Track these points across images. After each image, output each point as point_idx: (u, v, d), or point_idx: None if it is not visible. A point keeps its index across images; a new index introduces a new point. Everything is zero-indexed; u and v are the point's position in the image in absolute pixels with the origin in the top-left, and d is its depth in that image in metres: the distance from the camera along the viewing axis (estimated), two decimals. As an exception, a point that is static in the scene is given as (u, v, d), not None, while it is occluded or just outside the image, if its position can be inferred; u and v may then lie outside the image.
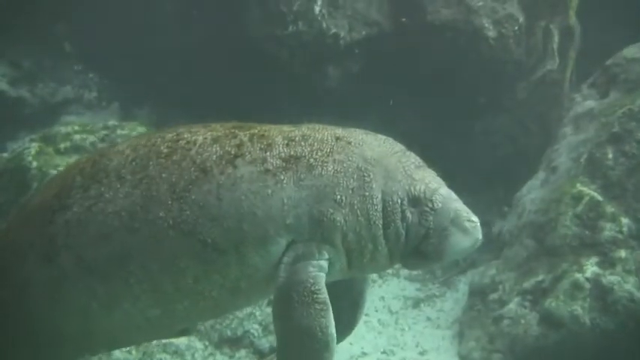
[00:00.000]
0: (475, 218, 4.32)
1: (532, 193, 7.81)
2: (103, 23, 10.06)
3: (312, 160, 4.21)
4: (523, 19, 9.19)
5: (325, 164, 4.20)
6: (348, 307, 4.85)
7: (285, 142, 4.28)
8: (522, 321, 6.83)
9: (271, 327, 6.63)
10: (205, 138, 4.32)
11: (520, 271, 7.22)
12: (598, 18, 9.69)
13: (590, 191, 7.06)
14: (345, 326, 4.88)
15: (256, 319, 6.80)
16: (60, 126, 8.02)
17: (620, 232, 6.80)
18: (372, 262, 4.34)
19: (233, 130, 4.38)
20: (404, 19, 8.97)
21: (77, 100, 10.34)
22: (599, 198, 7.01)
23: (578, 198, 7.06)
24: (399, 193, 4.24)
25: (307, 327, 4.15)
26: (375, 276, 8.05)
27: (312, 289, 4.15)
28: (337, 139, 4.31)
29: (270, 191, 4.14)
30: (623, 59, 7.92)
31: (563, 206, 7.09)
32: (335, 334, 4.23)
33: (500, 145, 9.49)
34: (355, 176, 4.20)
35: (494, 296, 7.30)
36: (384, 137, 4.48)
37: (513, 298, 7.03)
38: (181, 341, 6.45)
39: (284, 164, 4.19)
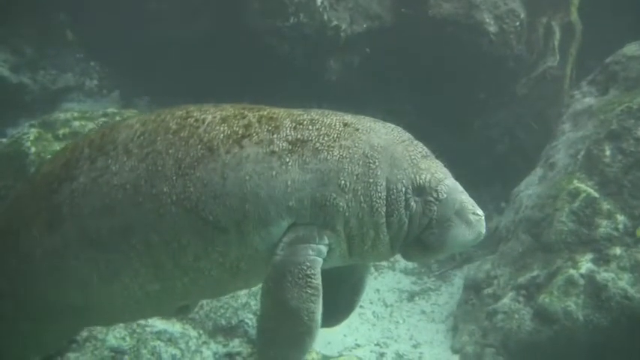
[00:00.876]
0: (480, 212, 4.28)
1: (529, 189, 7.81)
2: (105, 12, 10.08)
3: (318, 144, 4.19)
4: (524, 14, 9.21)
5: (331, 149, 4.17)
6: (347, 291, 4.83)
7: (293, 125, 4.26)
8: (516, 316, 6.84)
9: (266, 317, 6.67)
10: (214, 117, 4.32)
11: (515, 266, 7.23)
12: (600, 15, 9.67)
13: (587, 188, 7.07)
14: (342, 311, 4.86)
15: (251, 308, 6.81)
16: (59, 112, 8.01)
17: (616, 229, 6.81)
18: (373, 250, 4.30)
19: (242, 111, 4.37)
20: (403, 10, 8.97)
21: (78, 87, 10.36)
22: (596, 195, 7.01)
23: (574, 194, 7.07)
24: (404, 182, 4.20)
25: (295, 309, 4.12)
26: (370, 268, 8.07)
27: (308, 272, 4.13)
28: (345, 125, 4.29)
29: (274, 173, 4.13)
30: (623, 57, 7.91)
31: (559, 202, 7.10)
32: (320, 322, 4.22)
33: (500, 141, 9.51)
34: (360, 162, 4.17)
35: (488, 291, 7.32)
36: (392, 126, 4.44)
37: (508, 293, 7.04)
38: (176, 329, 6.46)
39: (290, 147, 4.17)
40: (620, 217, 6.85)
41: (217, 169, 4.14)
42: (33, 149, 7.05)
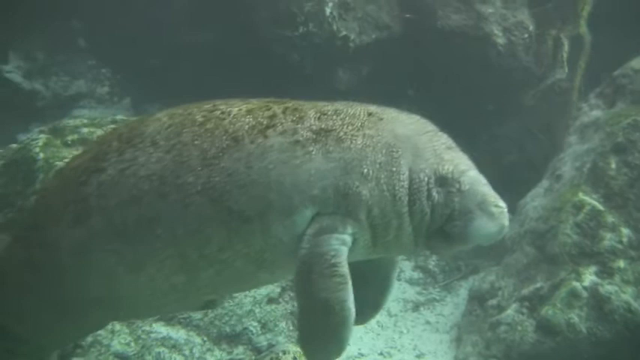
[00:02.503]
0: (503, 204, 4.23)
1: (535, 201, 7.82)
2: (117, 19, 10.16)
3: (342, 133, 4.20)
4: (533, 27, 9.23)
5: (355, 138, 4.18)
6: (374, 289, 4.82)
7: (317, 115, 4.28)
8: (519, 327, 6.84)
9: (269, 325, 6.70)
10: (240, 109, 4.36)
11: (519, 277, 7.24)
12: (609, 28, 9.67)
13: (592, 200, 7.07)
14: (370, 309, 4.85)
15: (255, 316, 6.84)
16: (69, 119, 8.08)
17: (620, 242, 6.81)
18: (396, 241, 4.30)
19: (267, 104, 4.41)
20: (407, 15, 9.01)
21: (89, 94, 10.45)
22: (600, 207, 7.02)
23: (579, 207, 7.08)
24: (427, 172, 4.20)
25: (325, 300, 4.12)
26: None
27: (333, 261, 4.13)
28: (369, 114, 4.30)
29: (298, 162, 4.14)
30: (630, 70, 7.92)
31: (564, 214, 7.11)
32: (353, 309, 4.19)
33: (507, 152, 9.52)
34: (384, 151, 4.18)
35: (492, 302, 7.32)
36: (417, 117, 4.45)
37: (511, 304, 7.05)
38: (180, 335, 6.50)
39: (314, 136, 4.19)
40: (625, 230, 6.85)
41: (242, 159, 4.17)
42: (42, 155, 7.11)
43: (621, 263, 6.71)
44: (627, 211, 6.96)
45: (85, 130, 7.51)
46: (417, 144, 4.24)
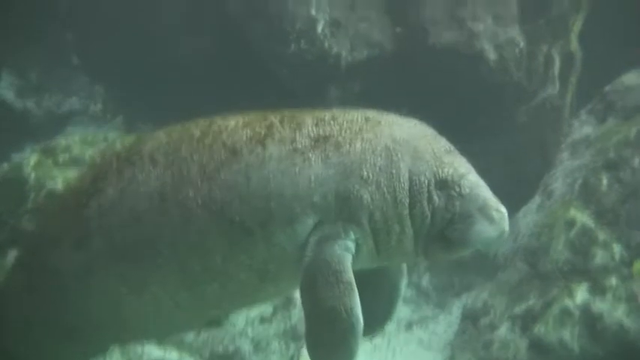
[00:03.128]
0: (503, 209, 4.19)
1: (527, 217, 7.83)
2: (111, 37, 10.18)
3: (340, 138, 4.18)
4: (524, 43, 9.25)
5: (353, 142, 4.16)
6: (383, 299, 4.78)
7: (315, 122, 4.26)
8: (512, 346, 6.84)
9: (262, 345, 6.68)
10: (237, 122, 4.35)
11: (512, 295, 7.24)
12: (600, 43, 9.71)
13: (583, 217, 7.08)
14: (380, 320, 4.81)
15: (248, 336, 6.83)
16: (61, 138, 8.09)
17: (612, 258, 6.82)
18: (399, 246, 4.26)
19: (265, 114, 4.40)
20: (398, 29, 9.05)
21: (82, 112, 10.48)
22: (592, 224, 7.02)
23: (571, 223, 7.08)
24: (427, 174, 4.15)
25: (332, 308, 4.09)
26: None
27: (337, 268, 4.10)
28: (367, 119, 4.27)
29: (297, 169, 4.13)
30: (621, 86, 7.95)
31: (556, 231, 7.11)
32: (361, 316, 4.15)
33: (499, 168, 9.52)
34: (383, 154, 4.15)
35: (485, 320, 7.31)
36: (415, 121, 4.42)
37: (504, 322, 7.04)
38: (172, 357, 6.48)
39: (312, 143, 4.17)
40: (617, 247, 6.86)
41: (241, 170, 4.16)
42: (33, 175, 7.11)
43: (613, 280, 6.71)
44: (619, 227, 6.96)
45: (77, 149, 7.52)
46: (416, 147, 4.20)
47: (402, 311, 8.35)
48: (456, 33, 9.09)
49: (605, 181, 7.17)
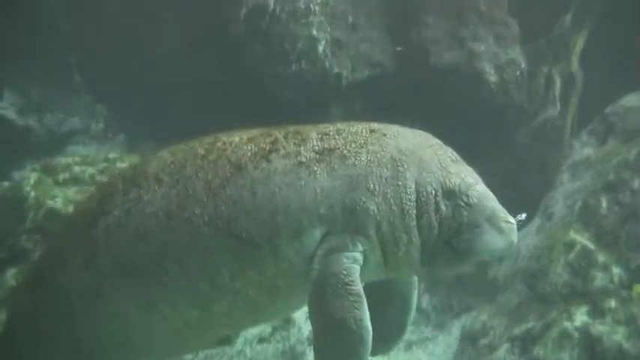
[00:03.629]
0: (512, 220, 4.21)
1: (527, 239, 7.81)
2: (112, 56, 10.20)
3: (345, 151, 4.18)
4: (525, 64, 9.27)
5: (359, 154, 4.16)
6: (395, 312, 4.77)
7: (320, 136, 4.27)
8: (511, 368, 6.82)
9: (259, 366, 6.67)
10: (241, 138, 4.35)
11: (511, 317, 7.21)
12: (601, 65, 9.71)
13: (583, 239, 7.07)
14: (395, 332, 4.81)
15: (246, 356, 6.81)
16: (61, 157, 8.11)
17: (611, 281, 6.80)
18: (407, 257, 4.24)
19: (269, 130, 4.41)
20: (399, 49, 9.06)
21: (84, 131, 10.49)
22: (592, 246, 7.01)
23: (570, 245, 7.07)
24: (434, 184, 4.15)
25: (341, 319, 4.07)
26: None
27: (346, 280, 4.09)
28: (372, 131, 4.29)
29: (303, 182, 4.13)
30: (621, 108, 7.96)
31: (555, 253, 7.10)
32: (370, 328, 4.12)
33: (500, 189, 9.50)
34: (389, 166, 4.15)
35: (484, 341, 7.29)
36: (420, 131, 4.45)
37: (503, 344, 7.02)
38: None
39: (317, 156, 4.17)
40: (616, 270, 6.84)
41: (246, 186, 4.16)
42: (33, 193, 7.13)
43: (612, 303, 6.69)
44: (618, 249, 6.95)
45: (77, 168, 7.54)
46: (422, 157, 4.21)
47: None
48: (456, 53, 9.12)
49: (604, 204, 7.16)
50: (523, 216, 8.92)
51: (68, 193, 7.19)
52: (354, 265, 4.15)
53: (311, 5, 8.98)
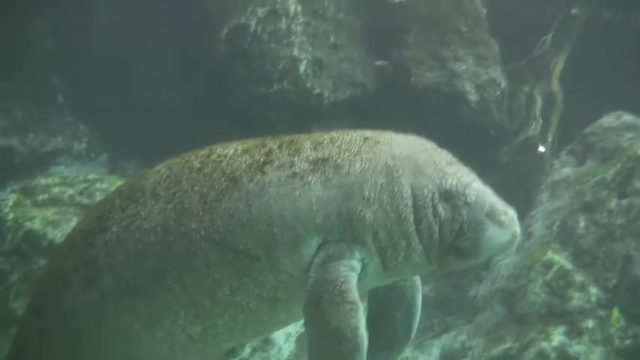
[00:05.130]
0: (512, 212, 4.15)
1: (507, 259, 7.81)
2: (96, 77, 10.23)
3: (339, 160, 4.15)
4: (506, 84, 9.32)
5: (353, 163, 4.13)
6: (402, 317, 4.69)
7: (313, 145, 4.24)
8: (488, 388, 6.82)
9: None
10: (236, 150, 4.34)
11: (489, 337, 7.21)
12: (582, 85, 9.76)
13: (561, 259, 7.08)
14: (402, 337, 4.72)
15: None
16: (42, 178, 8.11)
17: (589, 301, 6.80)
18: (407, 262, 4.21)
19: (263, 141, 4.41)
20: (379, 63, 9.11)
21: (67, 150, 10.45)
22: (569, 266, 7.02)
23: (548, 266, 7.08)
24: (430, 187, 4.11)
25: (337, 327, 4.03)
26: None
27: (342, 288, 4.05)
28: (365, 139, 4.26)
29: (298, 193, 4.10)
30: (600, 128, 7.97)
31: (533, 273, 7.11)
32: (366, 336, 4.08)
33: (481, 208, 9.53)
34: (383, 172, 4.10)
35: (463, 362, 7.30)
36: (414, 136, 4.42)
37: (481, 364, 7.03)
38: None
39: (311, 166, 4.14)
40: (593, 290, 6.85)
41: (242, 198, 4.14)
42: (11, 215, 7.13)
43: (590, 323, 6.70)
44: (596, 269, 6.96)
45: (56, 189, 7.54)
46: (416, 162, 4.18)
47: (382, 352, 8.28)
48: (437, 73, 9.16)
49: (582, 223, 7.17)
50: (543, 149, 8.89)
51: (47, 215, 7.20)
52: (351, 273, 4.12)
53: (292, 25, 9.03)
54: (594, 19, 9.87)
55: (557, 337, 6.69)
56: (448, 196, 4.13)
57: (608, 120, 8.00)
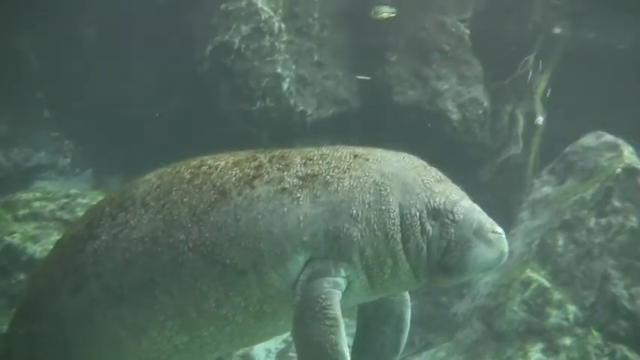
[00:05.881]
0: (500, 230, 4.19)
1: (487, 277, 7.82)
2: (81, 92, 10.26)
3: (328, 177, 4.17)
4: (488, 103, 9.38)
5: (341, 180, 4.15)
6: (390, 331, 4.74)
7: (303, 161, 4.26)
8: (466, 405, 6.82)
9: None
10: (227, 162, 4.37)
11: (468, 354, 7.21)
12: (564, 104, 9.82)
13: (539, 277, 7.10)
14: (390, 351, 4.77)
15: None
16: (22, 193, 8.10)
17: (566, 319, 6.82)
18: (394, 279, 4.25)
19: (254, 154, 4.42)
20: (360, 77, 9.17)
21: (51, 165, 10.47)
22: (547, 284, 7.04)
23: (526, 283, 7.10)
24: (418, 206, 4.14)
25: (318, 343, 4.07)
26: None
27: (324, 304, 4.08)
28: (355, 156, 4.28)
29: (285, 209, 4.13)
30: (580, 147, 8.01)
31: (512, 291, 7.12)
32: (347, 353, 4.11)
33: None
34: (372, 191, 4.13)
35: (442, 379, 7.31)
36: (404, 154, 4.46)
37: (460, 381, 7.03)
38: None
39: (301, 182, 4.16)
40: (571, 307, 6.87)
41: (230, 212, 4.16)
42: (-10, 230, 7.12)
43: (567, 340, 6.71)
44: (574, 287, 6.98)
45: (37, 204, 7.52)
46: (405, 180, 4.20)
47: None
48: (420, 91, 9.23)
49: (561, 242, 7.20)
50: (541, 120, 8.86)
51: (27, 229, 7.18)
52: (334, 290, 4.14)
53: (276, 43, 9.08)
54: (576, 39, 9.93)
55: (535, 354, 6.71)
56: (436, 214, 4.16)
57: (589, 139, 8.04)
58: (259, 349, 7.70)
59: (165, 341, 4.33)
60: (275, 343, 7.85)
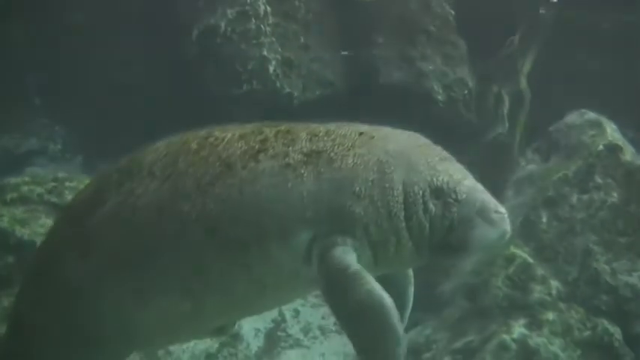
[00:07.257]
0: (503, 209, 4.20)
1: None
2: (72, 78, 10.29)
3: (332, 154, 4.15)
4: (473, 83, 9.42)
5: (345, 157, 4.14)
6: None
7: (309, 137, 4.24)
8: (451, 381, 6.91)
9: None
10: (233, 134, 4.33)
11: (453, 331, 7.31)
12: (549, 84, 9.89)
13: (523, 253, 7.19)
14: None
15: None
16: (11, 177, 8.15)
17: (549, 294, 6.91)
18: (397, 257, 4.24)
19: (261, 127, 4.38)
20: (343, 52, 9.22)
21: (42, 152, 10.49)
22: (531, 260, 7.13)
23: (510, 260, 7.19)
24: (421, 184, 4.13)
25: (358, 302, 3.98)
26: (317, 332, 8.10)
27: (340, 267, 4.06)
28: (360, 134, 4.26)
29: (289, 185, 4.12)
30: (564, 125, 8.10)
31: (496, 268, 7.21)
32: (385, 294, 4.00)
33: (450, 206, 9.63)
34: (375, 168, 4.12)
35: (427, 355, 7.38)
36: (410, 132, 4.47)
37: (445, 357, 7.11)
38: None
39: (305, 158, 4.16)
40: (554, 283, 6.96)
41: (235, 185, 4.15)
42: (-21, 214, 7.17)
43: (550, 315, 6.81)
44: (557, 263, 7.08)
45: (25, 188, 7.58)
46: (409, 158, 4.21)
47: (350, 346, 8.36)
48: (405, 73, 9.27)
49: (544, 219, 7.29)
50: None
51: (15, 213, 7.24)
52: (348, 254, 4.12)
53: (262, 26, 9.12)
54: (562, 19, 9.99)
55: (518, 329, 6.80)
56: (439, 193, 4.16)
57: (572, 118, 8.12)
58: (248, 329, 7.77)
59: (172, 308, 4.35)
60: (264, 323, 7.92)
